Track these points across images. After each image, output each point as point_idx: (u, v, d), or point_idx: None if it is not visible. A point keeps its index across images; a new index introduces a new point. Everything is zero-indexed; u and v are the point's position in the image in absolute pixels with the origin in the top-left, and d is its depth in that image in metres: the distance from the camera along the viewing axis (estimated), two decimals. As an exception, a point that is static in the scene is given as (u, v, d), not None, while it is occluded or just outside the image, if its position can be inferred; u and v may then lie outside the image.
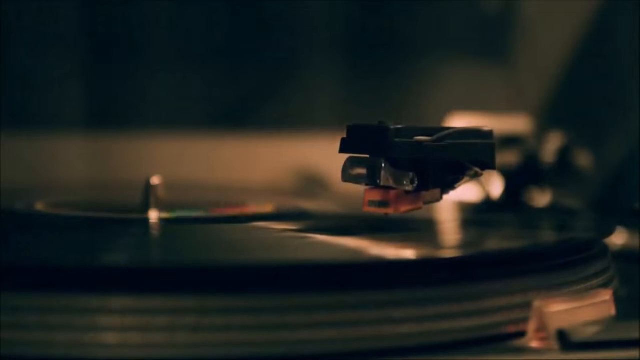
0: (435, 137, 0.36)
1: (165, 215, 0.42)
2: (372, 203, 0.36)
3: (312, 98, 0.71)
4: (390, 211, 0.36)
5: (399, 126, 0.35)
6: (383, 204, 0.36)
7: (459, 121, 0.58)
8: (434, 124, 0.62)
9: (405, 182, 0.36)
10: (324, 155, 0.56)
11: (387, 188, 0.36)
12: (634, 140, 0.62)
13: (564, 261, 0.34)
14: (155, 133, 0.69)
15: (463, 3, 0.74)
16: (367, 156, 0.36)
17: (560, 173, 0.56)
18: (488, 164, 0.37)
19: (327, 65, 0.71)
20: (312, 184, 0.67)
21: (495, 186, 0.55)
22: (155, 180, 0.43)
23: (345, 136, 0.36)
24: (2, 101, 0.65)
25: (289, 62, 0.72)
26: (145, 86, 0.69)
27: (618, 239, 0.47)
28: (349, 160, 0.36)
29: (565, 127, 0.57)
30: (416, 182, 0.36)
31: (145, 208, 0.43)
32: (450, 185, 0.37)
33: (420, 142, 0.35)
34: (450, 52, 0.73)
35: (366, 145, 0.36)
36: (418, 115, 0.71)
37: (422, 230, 0.40)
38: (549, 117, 0.67)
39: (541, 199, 0.55)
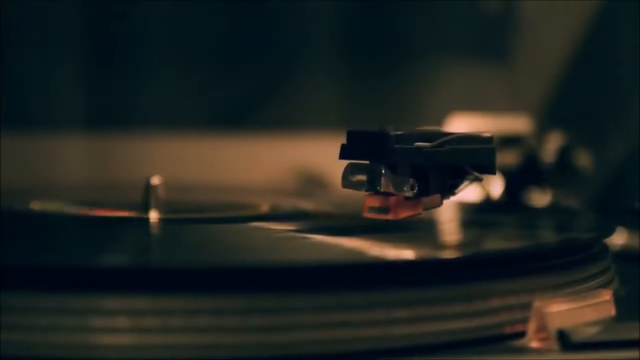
0: (435, 142, 0.36)
1: (165, 215, 0.42)
2: (372, 209, 0.36)
3: (312, 98, 0.72)
4: (390, 217, 0.36)
5: (399, 132, 0.35)
6: (383, 210, 0.36)
7: (459, 121, 0.58)
8: (434, 124, 0.62)
9: (405, 188, 0.36)
10: (324, 155, 0.56)
11: (387, 194, 0.36)
12: (634, 140, 0.62)
13: (564, 261, 0.34)
14: (155, 133, 0.69)
15: (463, 3, 0.74)
16: (367, 162, 0.36)
17: (560, 173, 0.56)
18: (488, 169, 0.37)
19: (327, 65, 0.71)
20: (312, 184, 0.68)
21: (495, 186, 0.55)
22: (155, 180, 0.43)
23: (344, 142, 0.36)
24: (2, 101, 0.65)
25: (289, 62, 0.72)
26: (145, 86, 0.69)
27: (618, 239, 0.47)
28: (349, 166, 0.36)
29: (565, 127, 0.57)
30: (416, 188, 0.36)
31: (145, 208, 0.43)
32: (450, 191, 0.38)
33: (420, 148, 0.35)
34: (450, 52, 0.73)
35: (366, 151, 0.36)
36: (418, 115, 0.71)
37: (422, 230, 0.40)
38: (549, 117, 0.67)
39: (541, 199, 0.55)
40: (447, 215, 0.45)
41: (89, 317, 0.28)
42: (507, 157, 0.55)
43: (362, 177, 0.36)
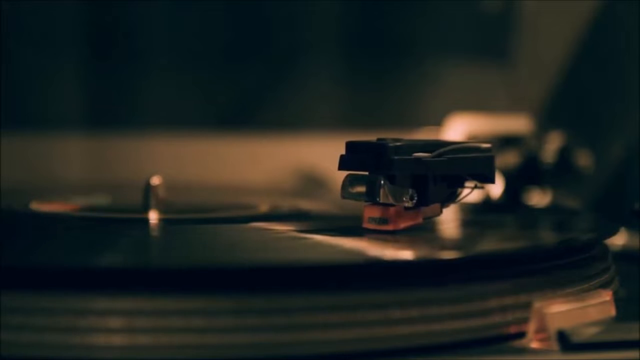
0: (434, 153, 0.36)
1: (165, 215, 0.42)
2: (371, 220, 0.36)
3: (312, 98, 0.72)
4: (389, 228, 0.36)
5: (398, 143, 0.35)
6: (383, 220, 0.36)
7: (459, 121, 0.58)
8: (434, 124, 0.62)
9: (404, 199, 0.36)
10: (324, 155, 0.56)
11: (387, 205, 0.36)
12: (634, 140, 0.62)
13: (564, 261, 0.34)
14: (155, 133, 0.69)
15: (463, 3, 0.74)
16: (366, 173, 0.36)
17: (560, 173, 0.55)
18: (488, 178, 0.38)
19: (327, 65, 0.71)
20: (312, 184, 0.67)
21: (495, 186, 0.55)
22: (155, 180, 0.43)
23: (343, 150, 0.36)
24: (2, 101, 0.65)
25: (289, 62, 0.72)
26: (145, 86, 0.69)
27: (618, 239, 0.47)
28: (348, 177, 0.36)
29: (565, 127, 0.57)
30: (415, 198, 0.36)
31: (145, 208, 0.43)
32: (450, 200, 0.38)
33: (419, 159, 0.35)
34: (450, 52, 0.73)
35: (365, 162, 0.36)
36: (418, 115, 0.71)
37: (421, 230, 0.40)
38: (549, 117, 0.67)
39: (541, 199, 0.55)
40: (447, 215, 0.45)
41: (89, 317, 0.28)
42: (507, 157, 0.55)
43: (362, 188, 0.36)
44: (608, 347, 0.30)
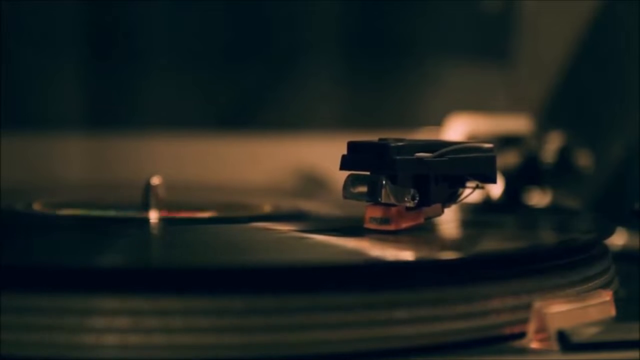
0: (436, 153, 0.36)
1: (165, 215, 0.42)
2: (373, 220, 0.36)
3: (312, 98, 0.71)
4: (391, 228, 0.36)
5: (400, 143, 0.36)
6: (384, 220, 0.36)
7: (459, 121, 0.58)
8: (434, 124, 0.62)
9: (406, 199, 0.36)
10: (324, 155, 0.56)
11: (389, 205, 0.36)
12: (634, 140, 0.62)
13: (564, 262, 0.34)
14: (155, 133, 0.69)
15: (463, 3, 0.74)
16: (368, 173, 0.36)
17: (560, 173, 0.55)
18: (490, 178, 0.38)
19: (327, 65, 0.71)
20: (312, 184, 0.67)
21: (496, 186, 0.54)
22: (155, 180, 0.43)
23: (345, 150, 0.36)
24: (2, 101, 0.65)
25: (289, 62, 0.72)
26: (145, 86, 0.69)
27: (618, 239, 0.47)
28: (350, 177, 0.36)
29: (565, 127, 0.57)
30: (417, 199, 0.36)
31: (145, 208, 0.43)
32: (451, 200, 0.38)
33: (421, 159, 0.35)
34: (450, 52, 0.73)
35: (367, 162, 0.36)
36: (418, 115, 0.71)
37: (422, 230, 0.40)
38: (549, 117, 0.67)
39: (541, 199, 0.55)
40: (447, 215, 0.45)
41: (89, 317, 0.28)
42: (507, 157, 0.55)
43: (363, 188, 0.36)
44: (608, 347, 0.30)
